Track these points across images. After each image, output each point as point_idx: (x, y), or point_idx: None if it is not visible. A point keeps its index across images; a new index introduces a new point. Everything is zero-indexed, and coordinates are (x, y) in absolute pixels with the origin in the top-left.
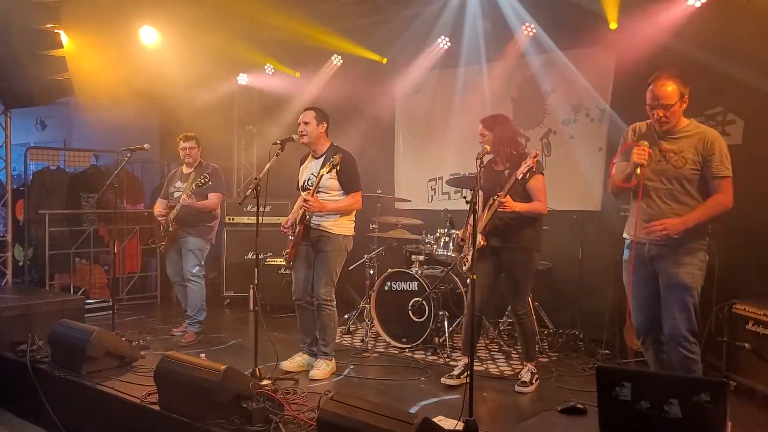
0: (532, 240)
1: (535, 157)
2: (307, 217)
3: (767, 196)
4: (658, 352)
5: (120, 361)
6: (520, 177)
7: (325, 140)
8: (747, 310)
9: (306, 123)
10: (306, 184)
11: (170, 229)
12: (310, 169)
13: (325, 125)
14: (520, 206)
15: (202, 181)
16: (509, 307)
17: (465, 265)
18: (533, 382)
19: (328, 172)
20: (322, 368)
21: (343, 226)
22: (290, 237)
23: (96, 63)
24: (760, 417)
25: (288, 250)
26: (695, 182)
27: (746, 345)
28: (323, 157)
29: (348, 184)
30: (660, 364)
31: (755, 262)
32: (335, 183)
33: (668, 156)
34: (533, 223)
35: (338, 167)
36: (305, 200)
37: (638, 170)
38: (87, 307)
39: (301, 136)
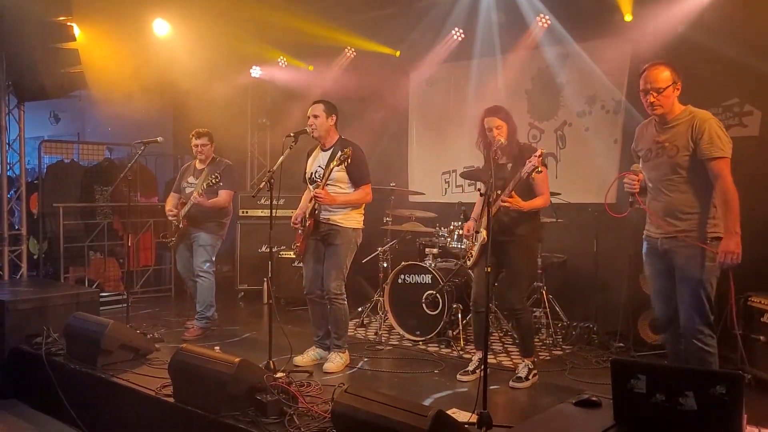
0: (534, 232)
1: (540, 156)
2: (317, 211)
3: None
4: (676, 344)
5: (135, 354)
6: (525, 176)
7: (334, 133)
8: (762, 302)
9: (315, 116)
10: (314, 176)
11: (180, 226)
12: (317, 160)
13: (334, 118)
14: (524, 204)
15: (213, 180)
16: (508, 303)
17: (469, 259)
18: (529, 378)
19: (337, 166)
20: (336, 361)
21: (353, 220)
22: (300, 231)
23: (109, 56)
24: None
25: (298, 244)
26: (687, 167)
27: (761, 338)
28: (331, 149)
29: (358, 177)
30: (678, 356)
31: None
32: (344, 175)
33: (664, 147)
34: (534, 216)
35: (348, 161)
36: (316, 193)
37: (631, 199)
38: (101, 300)
39: (312, 129)
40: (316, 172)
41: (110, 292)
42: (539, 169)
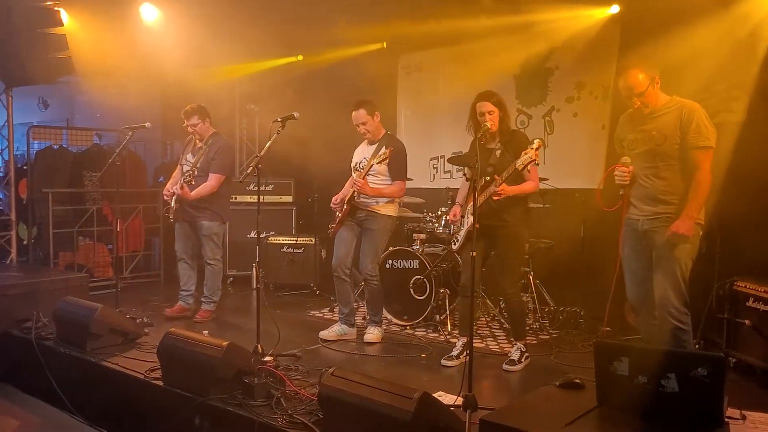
0: (522, 218)
1: (537, 149)
2: (356, 197)
3: None
4: (650, 325)
5: (124, 338)
6: (521, 168)
7: (380, 128)
8: (748, 287)
9: (363, 123)
10: (358, 165)
11: (173, 206)
12: (363, 152)
13: (378, 114)
14: (513, 190)
15: (188, 178)
16: (501, 288)
17: (454, 243)
18: (522, 360)
19: (377, 164)
20: (374, 333)
21: (389, 208)
22: (338, 213)
23: (97, 41)
24: (758, 393)
25: (333, 225)
26: (676, 156)
27: (746, 322)
28: (377, 143)
29: (395, 173)
30: (652, 336)
31: (756, 240)
32: (384, 168)
33: (651, 135)
34: (523, 201)
35: (387, 160)
36: (355, 181)
37: (621, 192)
38: (91, 285)
39: (365, 135)
40: (360, 162)
41: (99, 277)
42: (537, 162)
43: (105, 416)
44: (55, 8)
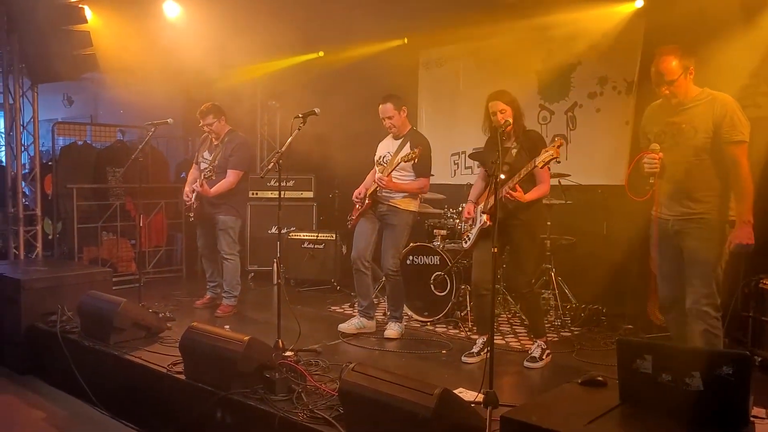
0: (537, 215)
1: (559, 146)
2: (378, 192)
3: None
4: (681, 325)
5: (147, 332)
6: (540, 166)
7: (406, 123)
8: None
9: (390, 118)
10: (381, 160)
11: (194, 203)
12: (387, 146)
13: (405, 110)
14: (529, 197)
15: (207, 174)
16: (515, 286)
17: (466, 241)
18: (543, 357)
19: (405, 162)
20: (395, 329)
21: (410, 204)
22: (357, 206)
23: (120, 38)
24: None
25: (353, 217)
26: (708, 150)
27: None
28: (402, 139)
29: (420, 171)
30: (683, 339)
31: None
32: (409, 164)
33: (681, 128)
34: (537, 199)
35: (415, 161)
36: (379, 178)
37: (651, 180)
38: (114, 279)
39: (390, 129)
40: (384, 156)
41: (123, 272)
42: (558, 159)
43: (128, 409)
44: (80, 5)
